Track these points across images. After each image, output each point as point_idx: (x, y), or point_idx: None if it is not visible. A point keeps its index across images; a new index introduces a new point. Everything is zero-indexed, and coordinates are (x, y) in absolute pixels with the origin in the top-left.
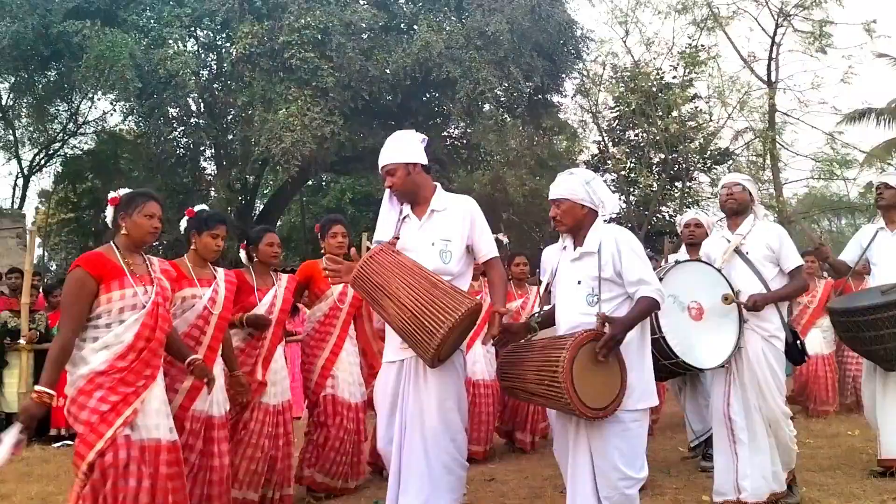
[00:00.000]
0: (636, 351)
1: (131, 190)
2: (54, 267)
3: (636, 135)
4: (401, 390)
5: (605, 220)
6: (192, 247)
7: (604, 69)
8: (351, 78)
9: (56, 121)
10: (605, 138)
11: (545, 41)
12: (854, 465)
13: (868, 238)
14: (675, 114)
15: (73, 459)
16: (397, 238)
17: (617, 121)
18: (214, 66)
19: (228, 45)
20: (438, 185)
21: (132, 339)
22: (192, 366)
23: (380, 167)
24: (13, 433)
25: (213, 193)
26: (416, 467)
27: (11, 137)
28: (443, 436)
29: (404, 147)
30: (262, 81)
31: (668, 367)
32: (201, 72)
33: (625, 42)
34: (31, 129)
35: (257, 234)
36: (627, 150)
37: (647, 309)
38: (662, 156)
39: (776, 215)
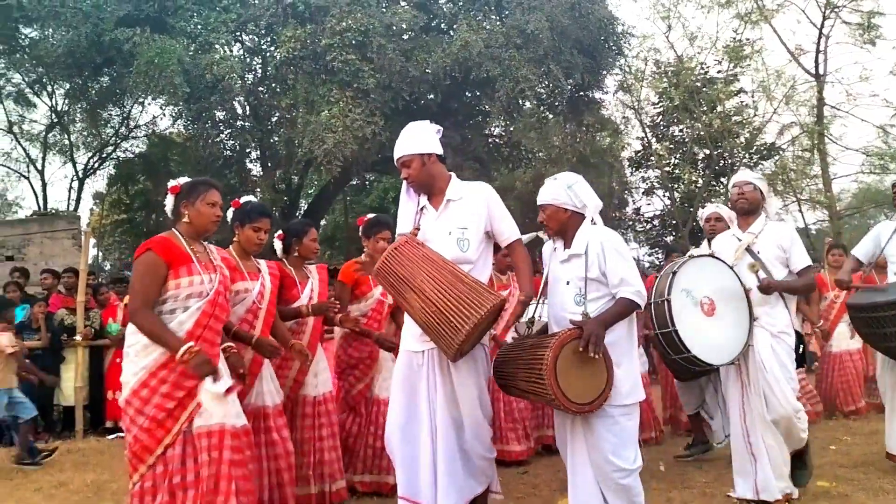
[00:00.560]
0: (623, 348)
1: (192, 179)
2: (108, 267)
3: (680, 130)
4: (425, 380)
5: (591, 222)
6: (236, 239)
7: (646, 65)
8: (391, 79)
9: (109, 125)
10: (649, 134)
11: (585, 38)
12: (886, 462)
13: (888, 234)
14: (718, 109)
15: (133, 451)
16: (418, 229)
17: (660, 116)
18: (259, 70)
19: (272, 49)
20: (454, 174)
21: (192, 327)
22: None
23: (395, 159)
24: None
25: (258, 194)
26: (447, 455)
27: (67, 142)
28: (468, 425)
29: (419, 138)
30: (305, 84)
31: (682, 363)
32: (246, 75)
33: (667, 37)
34: (85, 133)
35: (301, 228)
36: (671, 147)
37: (625, 309)
38: (707, 151)
39: (825, 211)
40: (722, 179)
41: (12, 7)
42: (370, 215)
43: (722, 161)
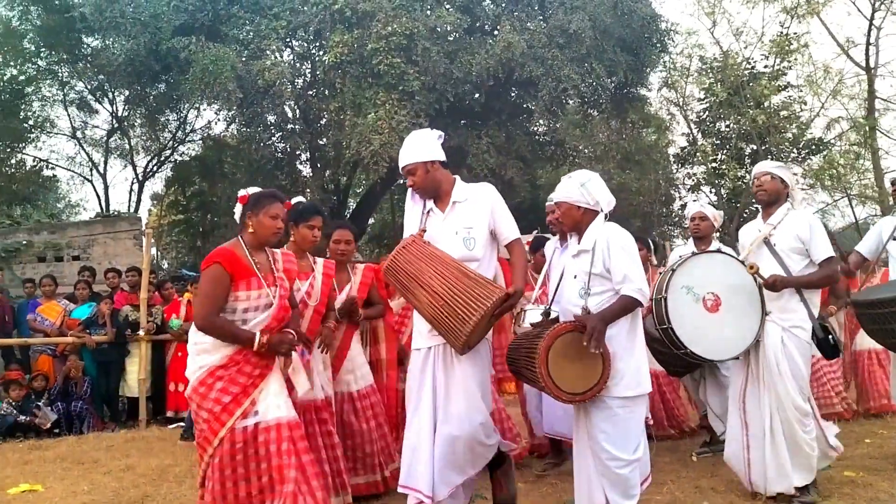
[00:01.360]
0: (625, 341)
1: (260, 189)
2: (166, 265)
3: (727, 126)
4: (431, 376)
5: (605, 218)
6: (292, 238)
7: (690, 61)
8: (436, 81)
9: (166, 129)
10: (694, 130)
11: (628, 36)
12: None
13: (889, 230)
14: (765, 104)
15: (198, 441)
16: (424, 230)
17: (706, 112)
18: (308, 75)
19: (321, 53)
20: (458, 177)
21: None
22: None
23: (400, 168)
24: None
25: (308, 194)
26: (444, 449)
27: (127, 146)
28: (467, 418)
29: (421, 147)
30: (352, 88)
31: (682, 357)
32: (296, 80)
33: (712, 33)
34: (144, 137)
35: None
36: (717, 142)
37: (625, 306)
38: (753, 147)
39: (877, 206)
40: None
41: (76, 19)
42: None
43: (769, 156)
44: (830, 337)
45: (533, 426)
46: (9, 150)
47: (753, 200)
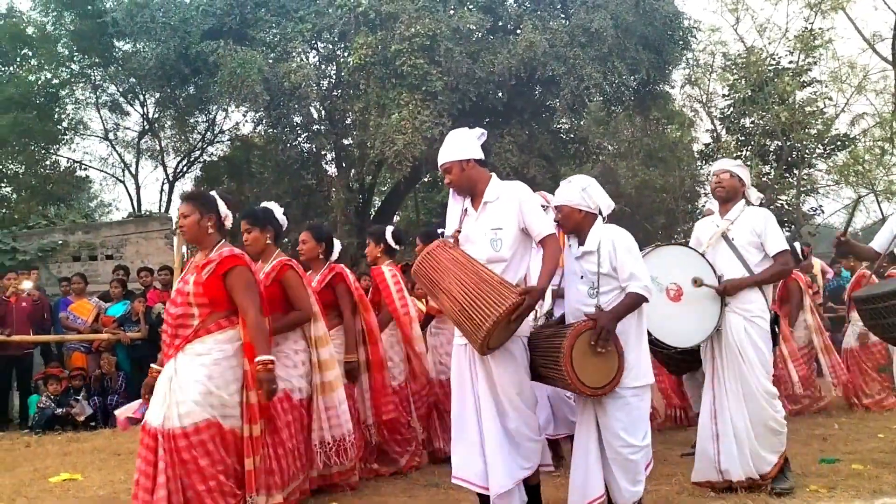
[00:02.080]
0: (633, 335)
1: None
2: None
3: (752, 122)
4: (469, 370)
5: (603, 220)
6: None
7: (713, 58)
8: (458, 81)
9: (196, 131)
10: (718, 127)
11: (651, 34)
12: None
13: None
14: (789, 100)
15: None
16: (459, 231)
17: (730, 108)
18: (333, 76)
19: (346, 55)
20: (494, 175)
21: None
22: None
23: (438, 166)
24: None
25: (333, 193)
26: (494, 438)
27: (158, 147)
28: (510, 411)
29: (457, 145)
30: (376, 88)
31: (659, 350)
32: (321, 82)
33: (735, 29)
34: (174, 139)
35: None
36: (742, 139)
37: (633, 302)
38: (778, 143)
39: None
40: (794, 171)
41: (107, 24)
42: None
43: (794, 152)
44: (775, 327)
45: None
46: (44, 151)
47: (776, 196)
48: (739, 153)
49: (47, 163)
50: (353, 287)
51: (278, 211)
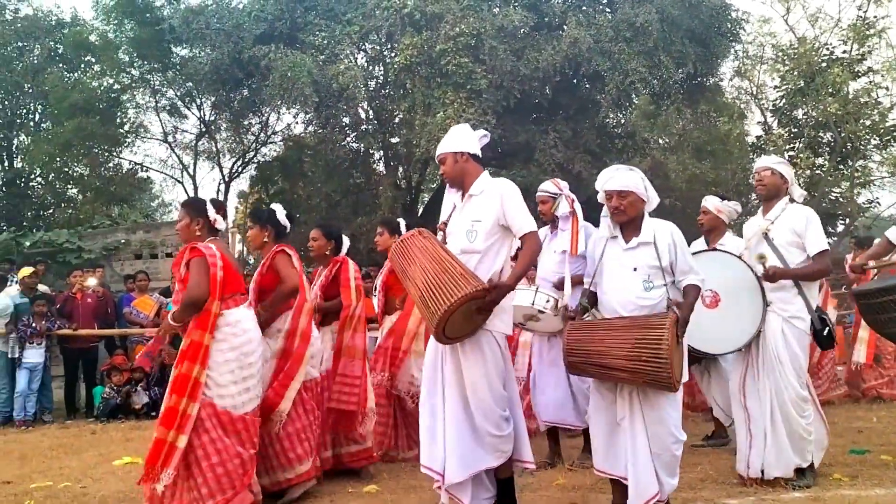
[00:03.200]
0: None
1: None
2: (252, 260)
3: (805, 114)
4: (440, 359)
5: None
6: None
7: (762, 50)
8: (503, 78)
9: (250, 132)
10: (769, 119)
11: (697, 27)
12: None
13: None
14: (842, 91)
15: None
16: (446, 223)
17: (782, 100)
18: (380, 77)
19: (392, 56)
20: (486, 172)
21: None
22: None
23: (436, 157)
24: None
25: (381, 191)
26: (453, 428)
27: (214, 149)
28: (474, 405)
29: (454, 139)
30: (422, 88)
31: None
32: (369, 83)
33: (786, 20)
34: (229, 140)
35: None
36: (795, 131)
37: (697, 294)
38: (830, 135)
39: None
40: (848, 163)
41: (165, 31)
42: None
43: (848, 144)
44: (827, 329)
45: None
46: (107, 154)
47: (829, 189)
48: (791, 145)
49: (110, 165)
50: (354, 277)
51: (281, 213)
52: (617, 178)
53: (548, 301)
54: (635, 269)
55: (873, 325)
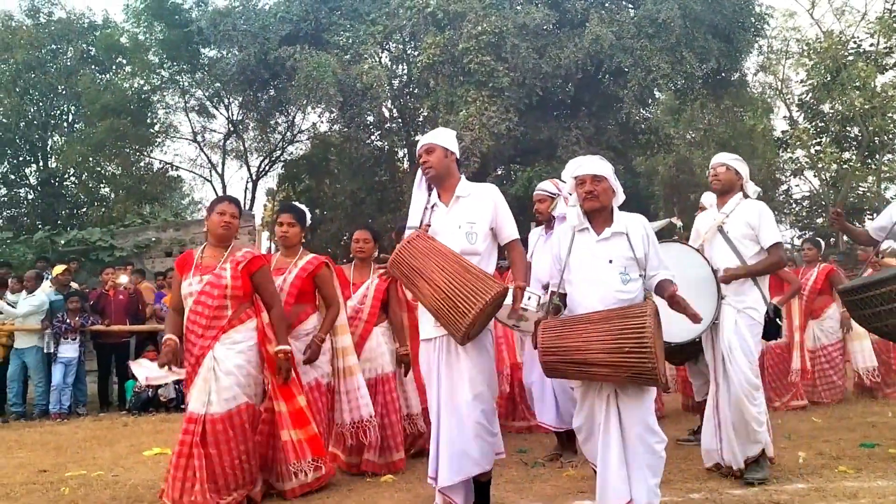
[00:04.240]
0: None
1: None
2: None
3: (831, 107)
4: (436, 365)
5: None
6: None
7: (787, 44)
8: (525, 76)
9: (276, 131)
10: (795, 113)
11: (720, 22)
12: None
13: None
14: (870, 85)
15: None
16: (429, 226)
17: (808, 94)
18: (404, 76)
19: (415, 55)
20: (463, 176)
21: (186, 322)
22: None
23: (419, 146)
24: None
25: (405, 188)
26: (451, 436)
27: (242, 148)
28: (473, 407)
29: (445, 136)
30: (445, 86)
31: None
32: (393, 82)
33: (811, 14)
34: (257, 140)
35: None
36: (821, 125)
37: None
38: (857, 130)
39: None
40: (875, 157)
41: (194, 32)
42: None
43: (875, 139)
44: (777, 320)
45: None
46: (138, 154)
47: (855, 185)
48: (817, 140)
49: (141, 164)
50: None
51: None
52: (588, 164)
53: (529, 299)
54: (611, 262)
55: (860, 321)
